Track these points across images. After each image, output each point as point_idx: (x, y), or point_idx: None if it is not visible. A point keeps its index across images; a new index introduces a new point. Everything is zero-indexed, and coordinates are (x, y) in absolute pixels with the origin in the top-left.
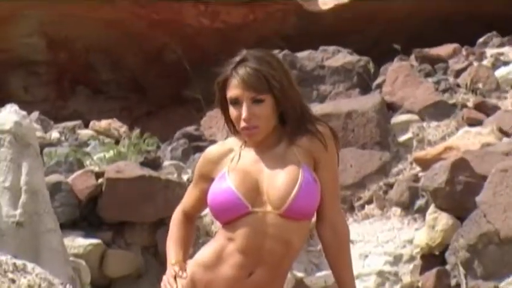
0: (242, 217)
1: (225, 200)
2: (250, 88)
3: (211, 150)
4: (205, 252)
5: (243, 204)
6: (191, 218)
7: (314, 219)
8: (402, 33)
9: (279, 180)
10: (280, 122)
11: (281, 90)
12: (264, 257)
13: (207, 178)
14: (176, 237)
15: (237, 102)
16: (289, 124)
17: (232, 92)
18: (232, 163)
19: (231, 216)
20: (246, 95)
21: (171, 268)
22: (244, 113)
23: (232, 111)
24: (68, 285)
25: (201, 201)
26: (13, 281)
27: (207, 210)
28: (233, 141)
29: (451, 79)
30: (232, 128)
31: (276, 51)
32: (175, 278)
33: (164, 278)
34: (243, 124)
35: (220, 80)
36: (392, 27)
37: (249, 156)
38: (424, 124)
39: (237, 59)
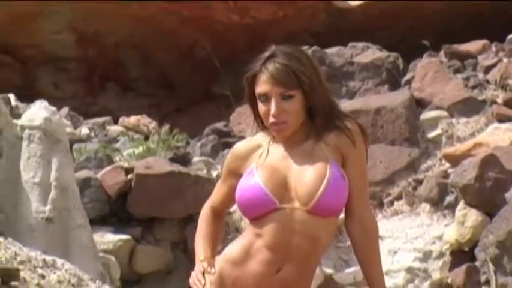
0: (270, 213)
1: (253, 196)
2: (280, 84)
3: (240, 146)
4: (233, 248)
5: (270, 201)
6: (220, 214)
7: (342, 215)
8: (430, 29)
9: (306, 177)
10: (309, 117)
11: (310, 86)
12: (292, 253)
13: (236, 174)
14: (205, 233)
15: (266, 97)
16: (317, 120)
17: (261, 87)
18: (260, 159)
19: (259, 212)
20: (275, 90)
21: (200, 264)
22: (273, 108)
23: (261, 106)
24: (97, 281)
25: (230, 197)
26: (43, 276)
27: (236, 207)
28: (261, 137)
29: (480, 75)
30: (261, 123)
31: (305, 48)
32: (203, 274)
33: (193, 274)
34: (271, 120)
35: (249, 76)
36: (420, 24)
37: (277, 152)
38: (454, 120)
39: (266, 54)
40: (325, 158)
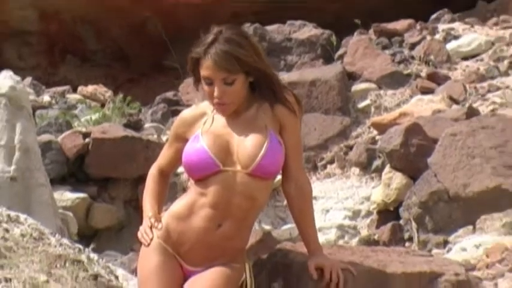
0: (213, 175)
1: (198, 159)
2: (222, 70)
3: (186, 113)
4: (178, 206)
5: (214, 163)
6: (166, 174)
7: (279, 177)
8: (361, 9)
9: (247, 143)
10: (251, 89)
11: (251, 66)
12: (232, 211)
13: (182, 138)
14: (152, 192)
15: (210, 81)
16: (258, 92)
17: (205, 72)
18: (205, 126)
19: (204, 173)
20: (218, 76)
21: (148, 220)
22: (216, 92)
23: (206, 87)
24: (57, 235)
25: (176, 160)
26: (7, 230)
27: (182, 168)
28: (206, 106)
29: (406, 51)
30: (207, 95)
31: (246, 25)
32: (151, 228)
33: (141, 228)
34: (215, 101)
35: (194, 57)
36: (352, 4)
37: (221, 120)
38: (381, 92)
39: (209, 39)
40: (264, 126)
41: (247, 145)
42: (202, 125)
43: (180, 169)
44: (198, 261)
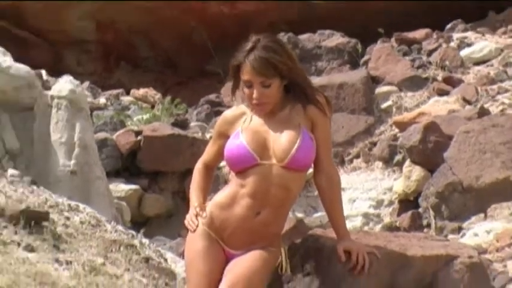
0: (252, 168)
1: (238, 154)
2: (260, 75)
3: (228, 113)
4: (221, 196)
5: (253, 157)
6: (210, 168)
7: (311, 170)
8: (384, 20)
9: (282, 139)
10: (285, 91)
11: (286, 71)
12: (269, 200)
13: (224, 136)
14: (198, 184)
15: (249, 84)
16: (292, 93)
17: (245, 76)
18: (244, 124)
19: (243, 166)
20: (256, 80)
21: (194, 209)
22: (255, 94)
23: (246, 90)
24: (112, 222)
25: (219, 155)
26: (68, 218)
27: (224, 162)
28: (246, 107)
29: (424, 57)
30: (246, 98)
31: (281, 35)
32: (196, 216)
33: (187, 216)
34: (254, 102)
35: (234, 64)
36: (375, 15)
37: (258, 119)
38: (402, 94)
39: (248, 47)
40: (298, 124)
41: (282, 141)
42: (242, 123)
43: (222, 163)
44: (239, 245)
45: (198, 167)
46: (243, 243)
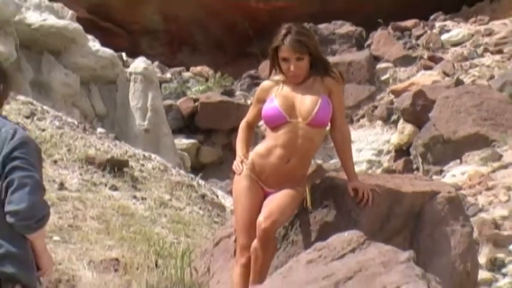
0: (283, 125)
1: (273, 113)
2: (295, 51)
3: (265, 84)
4: (260, 147)
5: (283, 117)
6: (251, 127)
7: (328, 127)
8: (383, 12)
9: (306, 102)
10: (310, 67)
11: (313, 51)
12: (296, 150)
13: (262, 100)
14: (242, 139)
15: (287, 59)
16: (315, 68)
17: (284, 53)
18: (277, 91)
19: (276, 124)
20: (293, 56)
21: (239, 157)
22: (292, 67)
23: (283, 64)
24: (176, 168)
25: (258, 116)
26: (143, 165)
27: (262, 122)
28: (278, 78)
29: (413, 41)
30: (279, 70)
31: (305, 24)
32: (241, 162)
33: (234, 163)
34: (291, 73)
35: (273, 46)
36: (376, 9)
37: (288, 88)
38: (397, 69)
39: (284, 31)
40: (318, 91)
41: (306, 104)
42: (276, 91)
43: (260, 123)
44: (273, 185)
45: (242, 125)
46: (276, 183)
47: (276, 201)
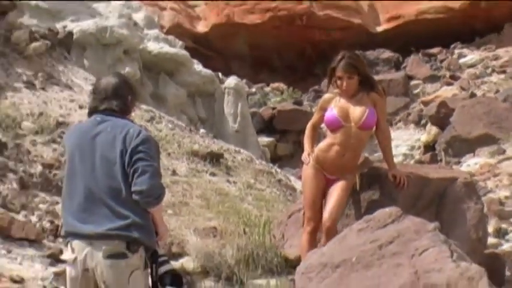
0: (339, 128)
1: (332, 119)
2: (348, 72)
3: (326, 96)
4: (323, 144)
5: (340, 122)
6: (315, 128)
7: (374, 130)
8: (414, 41)
9: (357, 111)
10: (359, 83)
11: (362, 71)
12: (350, 147)
13: (324, 109)
14: (308, 137)
15: (341, 78)
16: (363, 85)
17: (339, 73)
18: (335, 102)
19: (335, 127)
20: (345, 75)
21: (306, 151)
22: (344, 84)
23: (338, 82)
24: (259, 159)
25: (321, 120)
26: (234, 157)
27: (323, 125)
28: (336, 91)
29: (438, 64)
30: (335, 85)
31: (356, 51)
32: (308, 155)
33: (303, 156)
34: (343, 89)
35: (331, 67)
36: (409, 39)
37: (343, 100)
38: (425, 85)
39: (339, 57)
40: (366, 103)
41: (357, 112)
42: (334, 102)
43: (322, 125)
44: (333, 173)
45: (308, 127)
46: (335, 171)
47: (334, 198)
